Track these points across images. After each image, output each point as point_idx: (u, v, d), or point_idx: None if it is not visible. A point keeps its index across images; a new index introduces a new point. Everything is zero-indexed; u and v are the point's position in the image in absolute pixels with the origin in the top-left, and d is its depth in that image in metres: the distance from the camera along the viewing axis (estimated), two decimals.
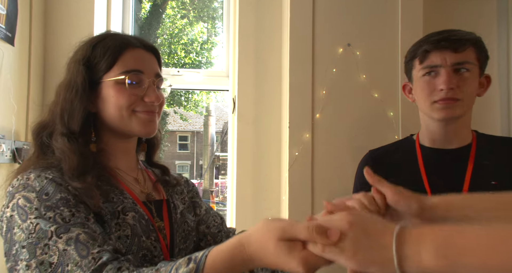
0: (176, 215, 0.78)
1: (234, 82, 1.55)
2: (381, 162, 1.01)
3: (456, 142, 0.92)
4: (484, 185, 0.86)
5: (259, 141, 1.52)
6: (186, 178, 0.91)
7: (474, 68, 0.87)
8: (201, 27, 5.10)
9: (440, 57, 0.86)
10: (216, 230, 0.86)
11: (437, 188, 0.90)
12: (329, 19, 1.40)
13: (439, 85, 0.86)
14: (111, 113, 0.71)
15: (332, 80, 1.39)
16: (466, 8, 1.57)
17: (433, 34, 0.90)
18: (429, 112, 0.91)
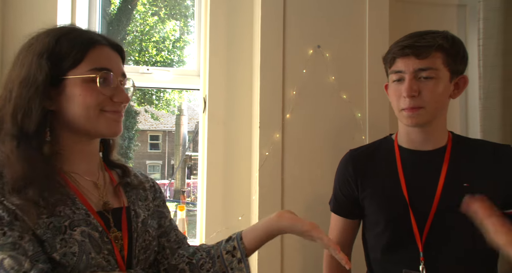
0: (137, 224, 0.75)
1: (205, 81, 1.53)
2: (361, 161, 1.03)
3: (431, 143, 0.94)
4: (456, 187, 0.89)
5: (229, 141, 1.51)
6: (153, 183, 0.87)
7: (441, 73, 0.88)
8: (173, 25, 5.01)
9: (404, 63, 0.88)
10: (176, 245, 0.83)
11: (413, 189, 0.93)
12: (299, 21, 1.42)
13: (403, 93, 0.88)
14: (77, 112, 0.67)
15: (302, 81, 1.41)
16: (428, 14, 1.63)
17: (403, 39, 0.91)
18: (399, 117, 0.94)
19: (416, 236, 0.89)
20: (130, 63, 5.07)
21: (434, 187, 0.90)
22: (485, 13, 1.48)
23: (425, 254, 0.88)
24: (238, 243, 0.77)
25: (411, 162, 0.95)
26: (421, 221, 0.90)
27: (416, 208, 0.91)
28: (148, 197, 0.83)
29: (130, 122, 6.27)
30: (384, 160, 0.99)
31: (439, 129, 0.94)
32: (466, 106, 1.67)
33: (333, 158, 1.15)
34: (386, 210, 0.95)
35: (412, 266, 0.89)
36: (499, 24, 1.46)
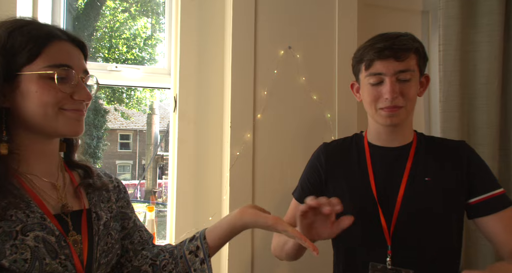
0: (99, 226, 0.72)
1: (175, 80, 1.51)
2: (334, 154, 1.06)
3: (398, 141, 0.98)
4: (419, 181, 0.93)
5: (200, 140, 1.50)
6: (117, 183, 0.84)
7: (415, 73, 0.92)
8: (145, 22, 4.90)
9: (383, 65, 0.89)
10: (140, 247, 0.81)
11: (381, 184, 0.97)
12: (271, 21, 1.43)
13: (384, 94, 0.90)
14: (33, 110, 0.64)
15: (273, 81, 1.42)
16: (395, 18, 1.70)
17: (377, 40, 0.92)
18: (375, 117, 0.95)
19: (384, 229, 0.92)
20: (99, 60, 4.91)
21: (399, 181, 0.94)
22: (445, 21, 1.56)
23: (392, 247, 0.91)
24: (201, 242, 0.77)
25: (379, 157, 0.99)
26: (388, 214, 0.93)
27: (384, 202, 0.94)
28: (111, 199, 0.80)
29: (99, 120, 6.07)
30: (354, 155, 1.03)
31: (407, 127, 0.99)
32: (429, 108, 1.75)
33: (303, 158, 1.17)
34: (355, 204, 0.97)
35: (379, 259, 0.92)
36: (457, 32, 1.54)
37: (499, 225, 0.89)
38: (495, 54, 1.54)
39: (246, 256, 1.35)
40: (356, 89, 1.05)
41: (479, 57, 1.57)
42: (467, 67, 1.58)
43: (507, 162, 1.59)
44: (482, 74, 1.56)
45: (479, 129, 1.56)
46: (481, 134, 1.55)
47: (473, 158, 0.95)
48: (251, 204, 0.79)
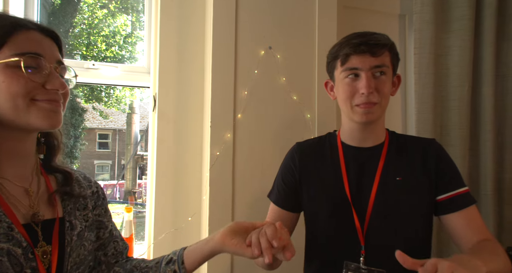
0: (72, 237, 0.69)
1: (155, 79, 1.50)
2: (307, 154, 1.06)
3: (371, 141, 0.99)
4: (390, 181, 0.95)
5: (180, 140, 1.49)
6: (96, 188, 0.80)
7: (389, 70, 0.94)
8: (125, 20, 4.81)
9: (359, 60, 0.90)
10: (114, 259, 0.78)
11: (354, 184, 0.97)
12: (251, 21, 1.44)
13: (360, 89, 0.90)
14: (2, 102, 0.60)
15: (254, 81, 1.43)
16: (373, 21, 1.74)
17: (353, 36, 0.93)
18: (350, 114, 0.95)
19: (357, 229, 0.94)
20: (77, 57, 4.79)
21: (371, 181, 0.96)
22: (419, 25, 1.61)
23: (366, 247, 0.93)
24: (179, 267, 0.74)
25: (352, 158, 1.00)
26: (361, 214, 0.94)
27: (357, 202, 0.96)
28: (88, 206, 0.76)
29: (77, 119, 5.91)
30: (328, 155, 1.03)
31: (380, 127, 1.00)
32: (405, 110, 1.80)
33: (283, 158, 1.18)
34: (329, 203, 0.98)
35: (353, 258, 0.93)
36: (431, 36, 1.60)
37: (462, 222, 0.92)
38: (466, 58, 1.60)
39: (225, 259, 1.35)
40: (330, 88, 1.05)
41: (451, 61, 1.63)
42: (440, 70, 1.63)
43: (476, 162, 1.66)
44: (454, 77, 1.62)
45: (451, 130, 1.61)
46: (453, 135, 1.61)
47: (442, 157, 0.97)
48: (235, 224, 0.74)
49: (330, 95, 1.06)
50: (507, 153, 1.69)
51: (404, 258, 0.64)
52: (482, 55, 1.65)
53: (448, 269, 0.59)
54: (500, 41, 1.69)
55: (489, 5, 1.64)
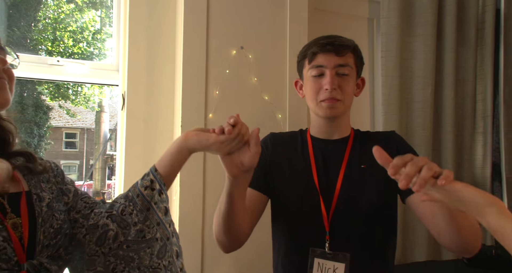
0: (41, 208, 0.69)
1: (124, 77, 1.46)
2: (280, 142, 1.11)
3: (337, 134, 1.06)
4: (355, 169, 1.01)
5: (150, 139, 1.46)
6: (52, 162, 0.80)
7: (352, 71, 1.01)
8: (93, 15, 4.65)
9: (325, 58, 0.98)
10: (88, 210, 0.77)
11: (321, 172, 1.02)
12: (223, 20, 1.44)
13: (325, 85, 0.98)
14: None
15: (225, 81, 1.43)
16: (343, 23, 1.78)
17: (321, 38, 1.02)
18: (316, 109, 1.02)
19: (323, 215, 0.97)
20: (42, 53, 4.58)
21: (338, 170, 1.01)
22: (385, 29, 1.67)
23: (331, 233, 0.96)
24: (154, 175, 0.76)
25: (320, 149, 1.06)
26: (328, 201, 0.98)
27: (324, 190, 1.00)
28: (50, 179, 0.76)
29: (41, 118, 5.65)
30: (298, 146, 1.09)
31: (345, 122, 1.07)
32: (373, 111, 1.85)
33: None
34: (298, 191, 1.02)
35: (319, 243, 0.96)
36: (397, 40, 1.66)
37: None
38: (429, 62, 1.68)
39: (196, 248, 1.34)
40: (299, 86, 1.11)
41: (416, 64, 1.70)
42: (405, 73, 1.70)
43: (438, 162, 1.74)
44: (419, 80, 1.69)
45: (416, 131, 1.69)
46: (418, 135, 1.68)
47: (401, 145, 1.04)
48: (197, 128, 0.79)
49: (299, 94, 1.12)
50: (465, 154, 1.78)
51: (380, 151, 0.67)
52: (444, 59, 1.74)
53: (423, 159, 0.63)
54: (460, 46, 1.78)
55: (449, 12, 1.72)
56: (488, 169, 1.77)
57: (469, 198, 0.60)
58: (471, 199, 0.60)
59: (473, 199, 0.60)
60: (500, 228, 0.58)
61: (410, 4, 1.72)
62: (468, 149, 1.79)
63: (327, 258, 0.93)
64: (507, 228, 0.57)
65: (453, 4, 1.72)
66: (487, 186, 1.78)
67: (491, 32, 1.80)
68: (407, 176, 0.61)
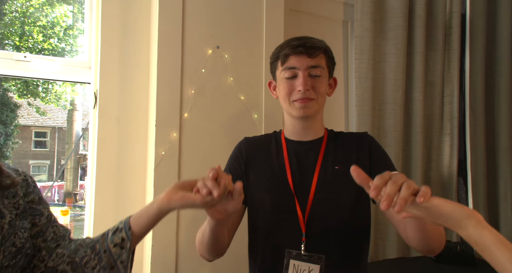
0: (3, 225, 0.65)
1: (96, 74, 1.42)
2: (254, 146, 1.11)
3: (311, 135, 1.06)
4: (330, 170, 1.02)
5: (122, 139, 1.43)
6: (25, 176, 0.76)
7: (324, 72, 1.02)
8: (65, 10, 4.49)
9: (297, 60, 0.99)
10: (54, 244, 0.75)
11: (296, 174, 1.03)
12: (199, 19, 1.43)
13: (298, 87, 0.98)
14: None
15: (201, 81, 1.42)
16: (319, 25, 1.81)
17: (292, 39, 1.02)
18: (289, 110, 1.03)
19: (299, 217, 0.98)
20: (9, 48, 4.38)
21: (313, 171, 1.02)
22: (359, 32, 1.71)
23: (306, 234, 0.97)
24: (127, 234, 0.73)
25: (294, 150, 1.06)
26: (303, 203, 0.99)
27: (299, 192, 1.01)
28: (18, 193, 0.73)
29: (8, 116, 5.40)
30: (272, 149, 1.09)
31: (318, 123, 1.08)
32: (348, 112, 1.90)
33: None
34: (273, 193, 1.02)
35: (295, 245, 0.97)
36: (370, 43, 1.71)
37: None
38: (400, 65, 1.73)
39: (170, 256, 1.33)
40: (273, 87, 1.12)
41: (388, 67, 1.75)
42: (378, 76, 1.75)
43: (408, 162, 1.80)
44: (390, 82, 1.74)
45: (388, 132, 1.74)
46: (389, 136, 1.73)
47: (373, 147, 1.06)
48: (179, 182, 0.75)
49: (273, 94, 1.12)
50: (433, 154, 1.85)
51: (357, 171, 0.67)
52: (414, 63, 1.80)
53: (402, 176, 0.64)
54: (429, 50, 1.85)
55: (419, 17, 1.79)
56: (455, 168, 1.85)
57: (448, 212, 0.61)
58: (449, 213, 0.61)
59: (451, 213, 0.61)
60: (480, 239, 0.59)
61: (382, 8, 1.77)
62: (436, 149, 1.86)
63: (303, 259, 0.94)
64: (486, 238, 0.59)
65: (422, 10, 1.78)
66: (453, 185, 1.86)
67: (458, 38, 1.88)
68: (388, 197, 0.61)
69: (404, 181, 0.63)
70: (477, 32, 1.98)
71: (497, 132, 2.02)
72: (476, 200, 1.93)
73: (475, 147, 1.96)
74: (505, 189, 1.98)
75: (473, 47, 1.98)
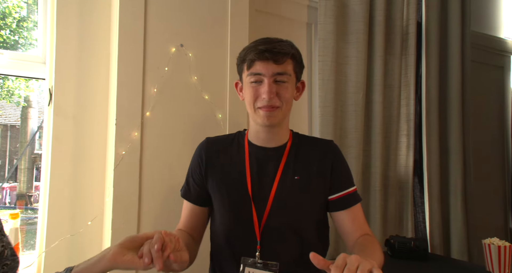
0: None
1: (51, 70, 1.35)
2: (215, 149, 1.08)
3: (275, 141, 1.05)
4: (289, 180, 1.01)
5: (80, 138, 1.37)
6: None
7: (291, 77, 0.99)
8: (18, 0, 4.21)
9: (263, 66, 0.95)
10: None
11: (256, 181, 1.01)
12: (162, 16, 1.39)
13: (262, 94, 0.95)
14: None
15: (164, 79, 1.39)
16: (284, 26, 1.83)
17: (259, 42, 0.98)
18: (254, 116, 1.00)
19: (255, 225, 0.98)
20: None
21: (273, 180, 1.01)
22: (322, 34, 1.75)
23: (261, 242, 0.98)
24: None
25: (256, 157, 1.04)
26: (260, 211, 0.99)
27: (256, 199, 1.00)
28: None
29: None
30: (234, 152, 1.07)
31: (283, 129, 1.06)
32: (311, 113, 1.93)
33: None
34: (230, 199, 1.02)
35: (250, 253, 0.97)
36: (333, 45, 1.75)
37: (348, 218, 1.03)
38: (361, 68, 1.79)
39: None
40: (239, 88, 1.09)
41: (350, 69, 1.80)
42: (340, 78, 1.80)
43: (368, 162, 1.87)
44: (352, 84, 1.80)
45: (349, 133, 1.79)
46: (350, 137, 1.79)
47: (337, 158, 1.07)
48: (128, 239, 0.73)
49: (239, 96, 1.10)
50: (391, 154, 1.94)
51: (317, 258, 0.69)
52: (373, 66, 1.87)
53: (355, 261, 0.67)
54: (388, 55, 1.93)
55: (378, 23, 1.86)
56: (411, 168, 1.94)
57: None
58: None
59: None
60: None
61: (344, 12, 1.82)
62: (394, 150, 1.94)
63: (257, 267, 0.95)
64: None
65: (381, 16, 1.86)
66: (409, 184, 1.95)
67: (414, 43, 1.98)
68: None
69: (359, 263, 0.66)
70: (431, 39, 2.09)
71: (449, 133, 2.15)
72: (431, 199, 2.04)
73: (430, 148, 2.06)
74: (455, 187, 2.11)
75: (428, 52, 2.09)
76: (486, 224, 2.44)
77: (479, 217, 2.33)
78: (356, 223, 1.03)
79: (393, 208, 1.90)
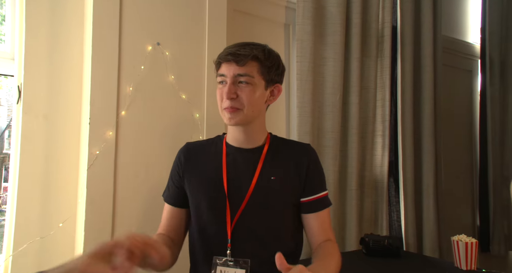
0: None
1: (20, 66, 1.29)
2: (194, 153, 1.10)
3: (251, 142, 1.06)
4: (266, 180, 1.02)
5: (51, 137, 1.32)
6: None
7: (256, 80, 0.99)
8: None
9: (226, 68, 0.99)
10: None
11: (232, 182, 1.02)
12: (138, 14, 1.37)
13: (223, 95, 0.98)
14: None
15: (140, 78, 1.36)
16: (261, 27, 1.83)
17: (231, 45, 1.02)
18: (222, 117, 1.03)
19: (227, 223, 0.99)
20: None
21: (250, 180, 1.02)
22: (300, 35, 1.77)
23: (232, 241, 0.99)
24: None
25: (233, 158, 1.06)
26: (234, 210, 1.00)
27: (232, 198, 1.01)
28: None
29: None
30: (212, 153, 1.08)
31: (258, 130, 1.07)
32: (289, 113, 1.95)
33: (170, 158, 1.15)
34: (206, 198, 1.03)
35: (222, 253, 0.99)
36: (311, 46, 1.77)
37: (316, 222, 1.05)
38: (338, 69, 1.82)
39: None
40: None
41: (327, 70, 1.83)
42: (318, 78, 1.82)
43: (344, 162, 1.90)
44: (329, 85, 1.83)
45: (326, 133, 1.82)
46: (328, 137, 1.81)
47: (312, 162, 1.08)
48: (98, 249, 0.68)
49: None
50: (367, 154, 1.98)
51: (280, 260, 0.71)
52: (350, 67, 1.90)
53: None
54: (364, 56, 1.97)
55: (355, 25, 1.89)
56: (386, 168, 1.99)
57: None
58: None
59: None
60: None
61: (322, 14, 1.84)
62: (370, 150, 1.99)
63: (229, 265, 0.96)
64: None
65: (358, 18, 1.90)
66: (384, 183, 2.00)
67: (389, 46, 2.03)
68: None
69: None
70: (406, 42, 2.15)
71: (423, 134, 2.22)
72: (406, 198, 2.10)
73: (405, 148, 2.12)
74: (428, 186, 2.18)
75: (403, 55, 2.15)
76: (455, 221, 2.53)
77: (449, 215, 2.42)
78: (322, 227, 1.05)
79: (369, 207, 1.94)
